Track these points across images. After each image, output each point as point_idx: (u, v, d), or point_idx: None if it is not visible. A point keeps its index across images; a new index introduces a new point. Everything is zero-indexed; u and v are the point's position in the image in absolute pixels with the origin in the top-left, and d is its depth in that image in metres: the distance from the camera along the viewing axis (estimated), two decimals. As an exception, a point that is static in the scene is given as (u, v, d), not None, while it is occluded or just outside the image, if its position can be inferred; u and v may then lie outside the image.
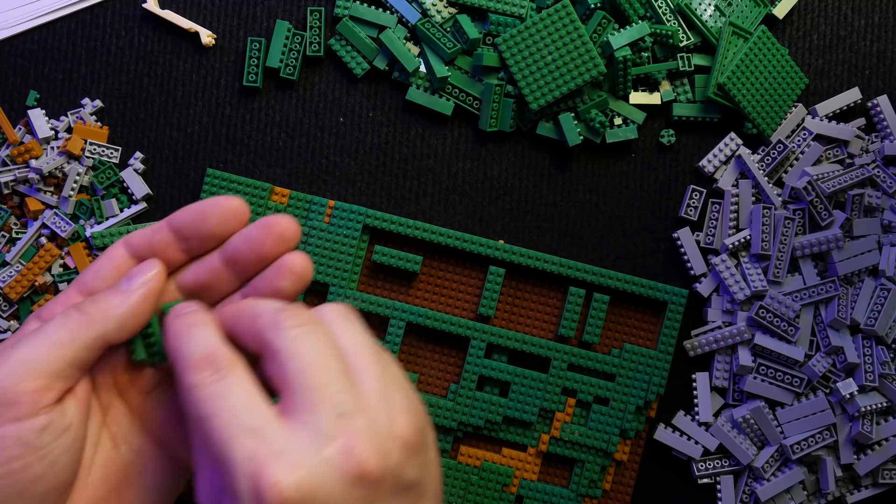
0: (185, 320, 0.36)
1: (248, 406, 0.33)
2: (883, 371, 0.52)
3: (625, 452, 0.52)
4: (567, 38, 0.51)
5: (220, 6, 0.54)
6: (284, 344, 0.34)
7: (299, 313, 0.35)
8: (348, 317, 0.37)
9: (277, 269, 0.39)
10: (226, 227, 0.39)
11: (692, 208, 0.54)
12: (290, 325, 0.35)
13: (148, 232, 0.39)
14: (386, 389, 0.34)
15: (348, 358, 0.35)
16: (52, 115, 0.53)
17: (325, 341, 0.35)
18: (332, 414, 0.33)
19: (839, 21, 0.55)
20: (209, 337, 0.35)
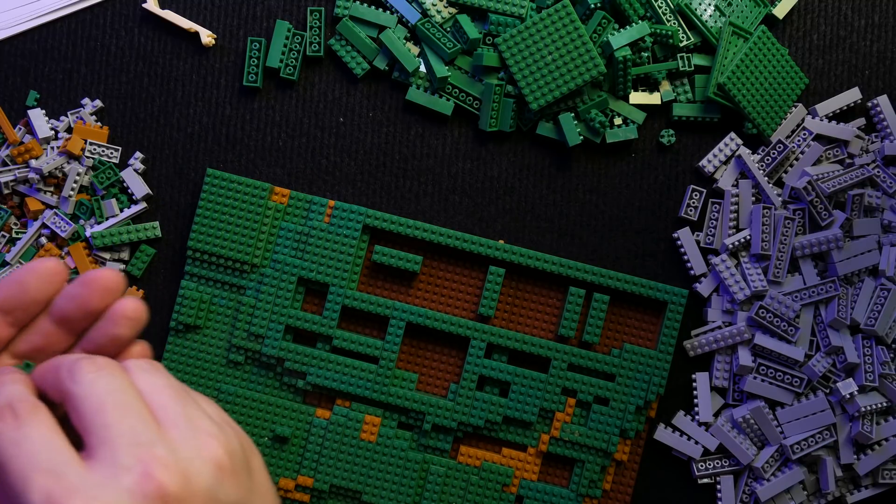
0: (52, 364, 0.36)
1: (46, 448, 0.33)
2: (883, 371, 0.52)
3: (625, 452, 0.52)
4: (567, 38, 0.51)
5: (220, 6, 0.54)
6: (80, 388, 0.34)
7: (96, 360, 0.35)
8: (151, 366, 0.37)
9: (111, 319, 0.38)
10: (46, 292, 0.38)
11: (692, 208, 0.54)
12: (86, 371, 0.35)
13: None
14: (190, 418, 0.35)
15: (148, 397, 0.35)
16: (52, 115, 0.53)
17: (120, 381, 0.35)
18: (128, 445, 0.33)
19: (839, 21, 0.55)
20: (14, 389, 0.35)
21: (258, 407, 0.51)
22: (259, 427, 0.51)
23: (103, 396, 0.34)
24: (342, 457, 0.51)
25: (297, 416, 0.51)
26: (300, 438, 0.51)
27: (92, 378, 0.35)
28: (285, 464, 0.51)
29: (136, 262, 0.53)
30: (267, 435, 0.51)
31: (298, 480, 0.51)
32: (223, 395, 0.51)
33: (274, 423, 0.51)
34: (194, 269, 0.52)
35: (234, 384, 0.52)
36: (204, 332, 0.52)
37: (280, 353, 0.51)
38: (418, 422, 0.51)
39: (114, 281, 0.38)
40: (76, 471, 0.33)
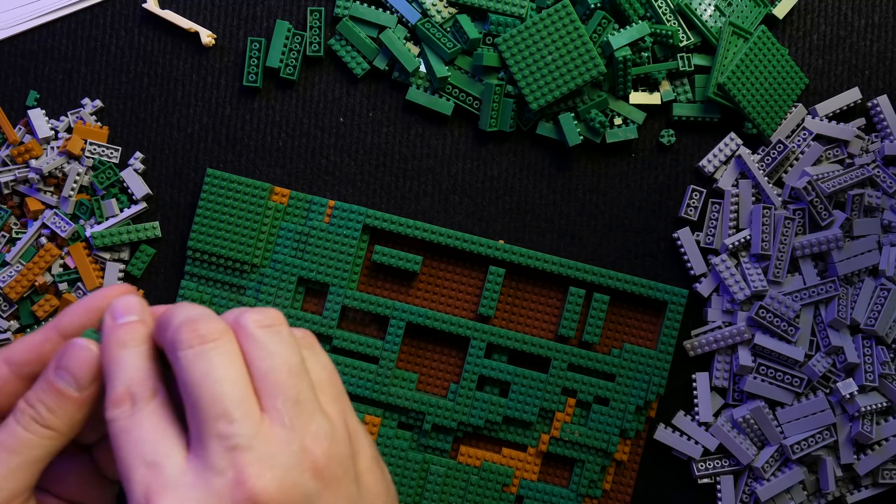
0: (119, 335, 0.34)
1: (152, 439, 0.32)
2: (883, 371, 0.52)
3: (625, 452, 0.52)
4: (567, 38, 0.51)
5: (220, 6, 0.54)
6: (180, 366, 0.32)
7: (202, 327, 0.33)
8: (272, 328, 0.34)
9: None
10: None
11: (692, 208, 0.54)
12: (187, 343, 0.32)
13: (34, 343, 0.36)
14: (299, 413, 0.32)
15: (259, 380, 0.33)
16: (52, 115, 0.53)
17: (225, 362, 0.32)
18: (223, 447, 0.31)
19: (839, 21, 0.55)
20: (134, 364, 0.33)
21: (258, 407, 0.51)
22: (259, 427, 0.51)
23: (203, 379, 0.32)
24: (342, 457, 0.51)
25: (297, 416, 0.51)
26: (300, 438, 0.51)
27: (193, 356, 0.32)
28: (285, 464, 0.51)
29: (136, 262, 0.53)
30: (267, 435, 0.51)
31: (298, 480, 0.51)
32: (223, 395, 0.51)
33: (274, 423, 0.51)
34: (194, 269, 0.52)
35: (234, 384, 0.52)
36: (204, 332, 0.52)
37: (280, 353, 0.51)
38: (418, 422, 0.51)
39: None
40: (174, 466, 0.31)
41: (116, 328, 0.34)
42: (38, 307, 0.51)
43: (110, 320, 0.34)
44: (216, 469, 0.31)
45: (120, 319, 0.34)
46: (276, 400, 0.32)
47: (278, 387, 0.32)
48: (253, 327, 0.33)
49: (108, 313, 0.35)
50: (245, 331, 0.33)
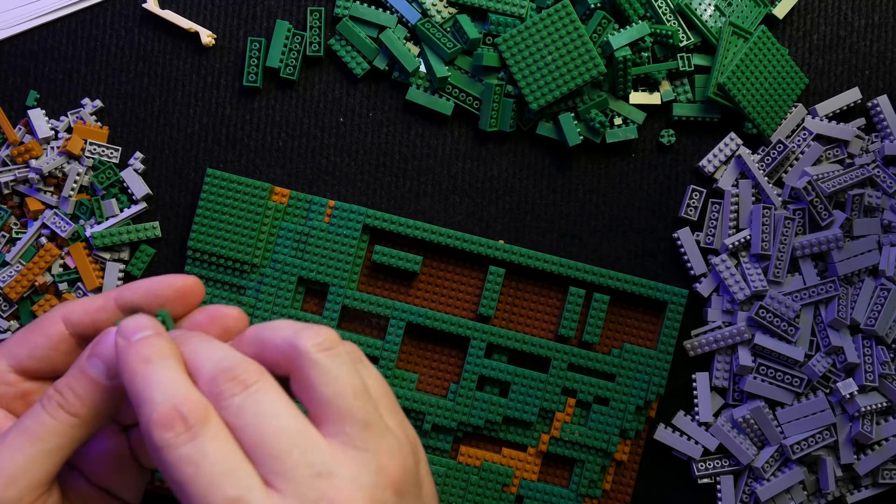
0: (140, 351, 0.33)
1: (228, 471, 0.30)
2: (883, 371, 0.52)
3: (625, 452, 0.52)
4: (567, 38, 0.51)
5: (220, 6, 0.54)
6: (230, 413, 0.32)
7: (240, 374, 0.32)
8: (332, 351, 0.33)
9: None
10: (180, 308, 0.37)
11: (692, 208, 0.54)
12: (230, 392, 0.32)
13: (92, 308, 0.36)
14: (370, 437, 0.32)
15: (326, 405, 0.32)
16: (52, 115, 0.53)
17: (275, 397, 0.32)
18: (307, 475, 0.31)
19: (839, 21, 0.55)
20: (174, 379, 0.32)
21: (258, 407, 0.51)
22: (259, 427, 0.51)
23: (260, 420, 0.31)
24: (342, 457, 0.51)
25: (297, 416, 0.51)
26: (300, 438, 0.51)
27: (242, 400, 0.31)
28: (285, 464, 0.51)
29: (136, 262, 0.53)
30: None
31: (298, 480, 0.51)
32: (223, 395, 0.51)
33: (274, 423, 0.51)
34: (194, 269, 0.52)
35: (234, 384, 0.52)
36: (204, 332, 0.52)
37: (280, 353, 0.51)
38: (418, 422, 0.51)
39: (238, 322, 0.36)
40: (261, 500, 0.30)
41: (132, 345, 0.33)
42: (38, 307, 0.51)
43: (122, 341, 0.33)
44: (309, 499, 0.30)
45: (133, 337, 0.33)
46: (346, 424, 0.32)
47: (347, 410, 0.32)
48: (313, 352, 0.33)
49: (119, 335, 0.34)
50: (305, 356, 0.33)
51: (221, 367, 0.32)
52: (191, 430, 0.31)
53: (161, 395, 0.31)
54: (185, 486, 0.30)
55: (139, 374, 0.32)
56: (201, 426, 0.31)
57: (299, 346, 0.33)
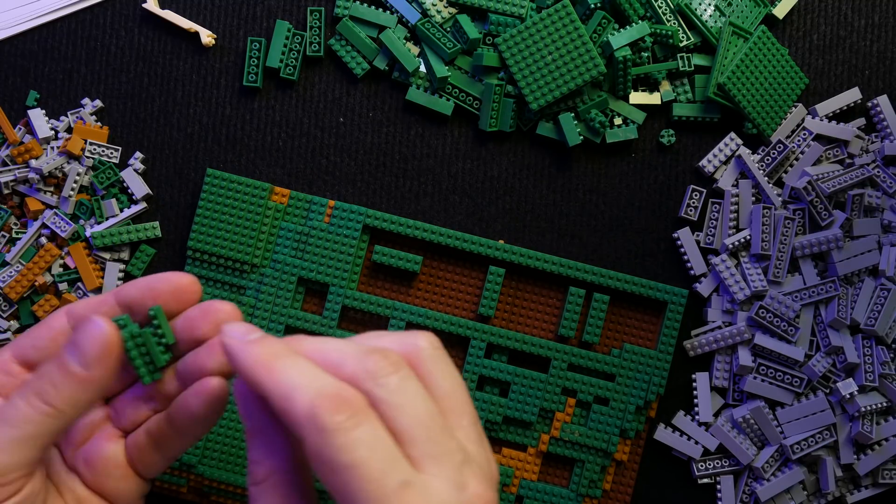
0: (263, 349, 0.33)
1: (394, 455, 0.31)
2: (883, 371, 0.52)
3: (625, 452, 0.52)
4: (567, 38, 0.51)
5: (220, 6, 0.54)
6: (385, 395, 0.32)
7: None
8: (436, 353, 0.34)
9: (207, 349, 0.37)
10: (175, 306, 0.37)
11: (692, 208, 0.54)
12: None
13: (93, 303, 0.38)
14: (479, 433, 0.34)
15: (444, 401, 0.33)
16: (52, 115, 0.53)
17: (421, 387, 0.33)
18: (454, 462, 0.31)
19: (839, 21, 0.55)
20: (315, 371, 0.32)
21: (258, 407, 0.51)
22: (259, 427, 0.51)
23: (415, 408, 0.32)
24: (342, 457, 0.51)
25: (297, 416, 0.51)
26: (300, 438, 0.51)
27: (402, 378, 0.32)
28: (285, 464, 0.51)
29: (136, 262, 0.53)
30: (267, 435, 0.51)
31: (298, 480, 0.51)
32: (223, 395, 0.51)
33: (274, 423, 0.51)
34: (194, 269, 0.52)
35: (234, 384, 0.52)
36: (204, 332, 0.52)
37: (280, 353, 0.51)
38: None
39: (230, 317, 0.37)
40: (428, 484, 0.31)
41: (251, 345, 0.33)
42: (38, 307, 0.51)
43: (236, 342, 0.33)
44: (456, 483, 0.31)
45: (247, 337, 0.33)
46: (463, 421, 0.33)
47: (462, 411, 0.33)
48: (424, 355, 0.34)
49: (228, 337, 0.33)
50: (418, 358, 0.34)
51: (368, 356, 0.32)
52: (357, 415, 0.31)
53: (310, 383, 0.31)
54: (356, 469, 0.30)
55: (274, 368, 0.32)
56: (364, 411, 0.31)
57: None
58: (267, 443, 0.34)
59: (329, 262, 0.51)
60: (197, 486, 0.51)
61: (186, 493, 0.52)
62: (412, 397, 0.32)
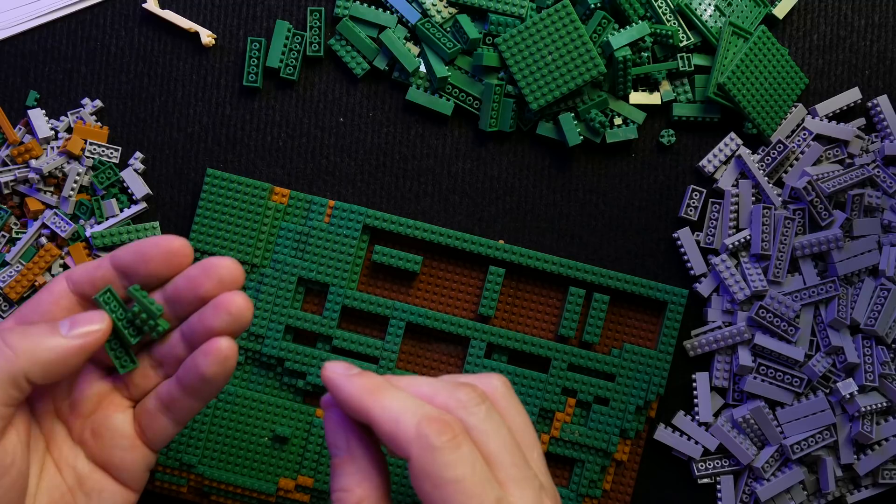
0: (365, 382, 0.36)
1: (487, 476, 0.34)
2: (883, 371, 0.52)
3: (625, 452, 0.52)
4: (567, 38, 0.51)
5: (220, 6, 0.54)
6: (476, 423, 0.35)
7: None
8: (511, 392, 0.38)
9: (213, 308, 0.38)
10: (167, 269, 0.38)
11: (692, 208, 0.54)
12: (474, 404, 0.35)
13: (90, 267, 0.39)
14: (546, 466, 0.37)
15: (518, 434, 0.36)
16: (52, 115, 0.53)
17: (501, 420, 0.36)
18: (534, 488, 0.34)
19: (839, 21, 0.55)
20: (414, 399, 0.35)
21: (258, 407, 0.51)
22: (259, 427, 0.51)
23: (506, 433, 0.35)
24: (342, 457, 0.51)
25: (297, 416, 0.51)
26: (300, 438, 0.51)
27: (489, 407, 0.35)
28: (285, 464, 0.51)
29: (136, 262, 0.53)
30: (267, 435, 0.51)
31: (298, 480, 0.51)
32: (223, 395, 0.51)
33: (274, 423, 0.51)
34: (194, 269, 0.52)
35: (234, 384, 0.52)
36: (204, 332, 0.52)
37: (280, 353, 0.51)
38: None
39: (232, 273, 0.38)
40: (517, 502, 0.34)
41: (354, 378, 0.36)
42: (38, 307, 0.51)
43: (340, 377, 0.36)
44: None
45: (349, 372, 0.36)
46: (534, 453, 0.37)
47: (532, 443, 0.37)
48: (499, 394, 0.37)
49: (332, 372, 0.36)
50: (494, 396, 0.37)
51: (458, 388, 0.36)
52: (458, 437, 0.34)
53: (414, 408, 0.34)
54: (459, 483, 0.33)
55: (379, 396, 0.35)
56: (463, 434, 0.34)
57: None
58: (358, 472, 0.36)
59: (329, 262, 0.51)
60: (197, 486, 0.51)
61: (186, 492, 0.52)
62: (498, 426, 0.35)
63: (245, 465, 0.51)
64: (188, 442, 0.51)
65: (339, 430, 0.36)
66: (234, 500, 0.51)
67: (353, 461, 0.36)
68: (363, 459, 0.36)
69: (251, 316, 0.38)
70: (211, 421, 0.51)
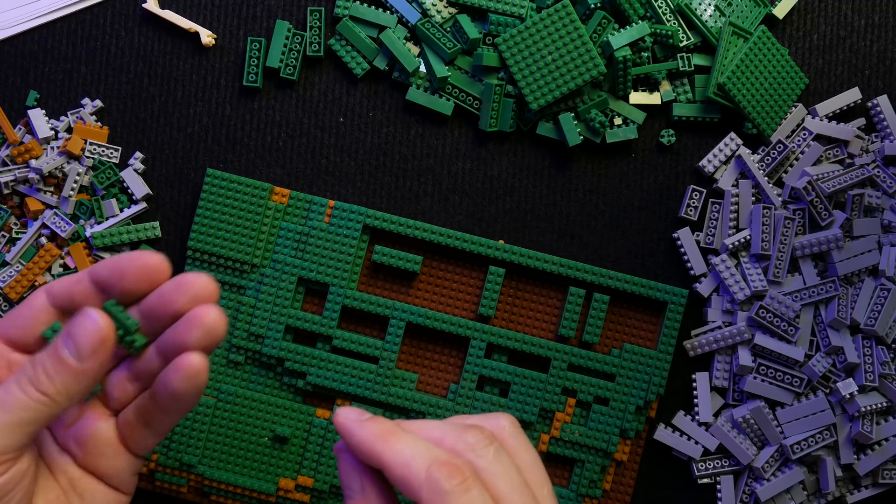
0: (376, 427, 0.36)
1: None
2: (883, 371, 0.52)
3: (625, 452, 0.52)
4: (567, 38, 0.51)
5: (220, 6, 0.54)
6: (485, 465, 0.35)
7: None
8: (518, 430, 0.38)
9: (185, 323, 0.38)
10: (143, 284, 0.38)
11: (692, 208, 0.54)
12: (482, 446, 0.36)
13: (70, 281, 0.39)
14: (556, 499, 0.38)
15: (527, 473, 0.37)
16: (52, 115, 0.53)
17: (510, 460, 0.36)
18: None
19: (839, 21, 0.55)
20: (424, 444, 0.36)
21: (258, 407, 0.51)
22: (259, 427, 0.51)
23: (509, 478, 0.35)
24: (342, 457, 0.51)
25: (297, 416, 0.51)
26: (300, 438, 0.51)
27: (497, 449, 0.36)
28: (285, 464, 0.51)
29: (136, 262, 0.53)
30: (267, 435, 0.51)
31: (298, 480, 0.51)
32: (223, 395, 0.51)
33: (274, 423, 0.51)
34: (194, 269, 0.52)
35: (234, 384, 0.52)
36: (204, 332, 0.52)
37: (280, 353, 0.51)
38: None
39: (205, 290, 0.38)
40: None
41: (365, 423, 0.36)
42: None
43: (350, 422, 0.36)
44: None
45: (361, 418, 0.37)
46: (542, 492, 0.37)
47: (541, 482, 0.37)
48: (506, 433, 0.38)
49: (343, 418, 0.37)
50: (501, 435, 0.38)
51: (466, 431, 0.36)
52: (467, 480, 0.34)
53: (424, 452, 0.35)
54: None
55: (389, 440, 0.35)
56: (473, 477, 0.34)
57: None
58: None
59: (329, 262, 0.51)
60: (197, 486, 0.51)
61: (186, 492, 0.52)
62: (507, 467, 0.35)
63: (245, 465, 0.51)
64: (188, 442, 0.51)
65: (353, 472, 0.37)
66: (234, 500, 0.51)
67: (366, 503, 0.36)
68: (377, 502, 0.36)
69: (224, 330, 0.38)
70: (211, 421, 0.51)
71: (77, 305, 0.38)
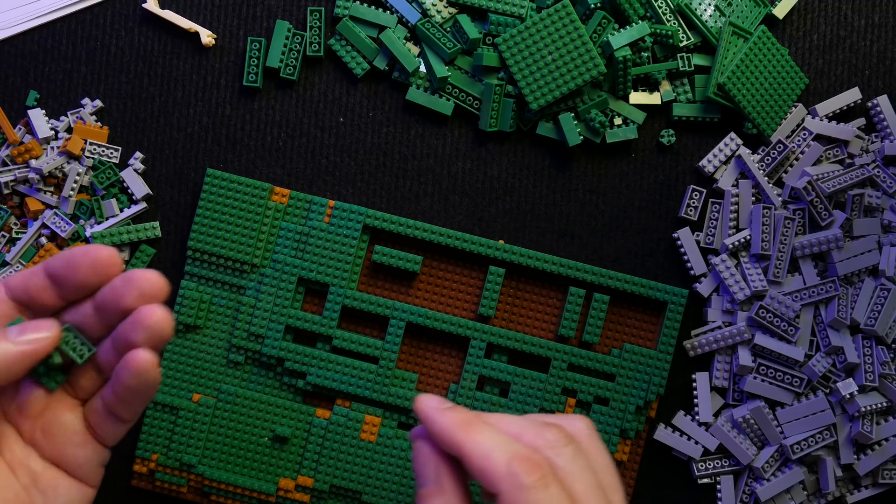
0: (457, 416, 0.37)
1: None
2: (883, 371, 0.52)
3: (625, 452, 0.52)
4: (567, 38, 0.51)
5: (220, 6, 0.54)
6: (563, 464, 0.36)
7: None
8: (594, 433, 0.39)
9: (131, 321, 0.38)
10: (95, 278, 0.39)
11: (692, 208, 0.54)
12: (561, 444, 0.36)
13: (26, 275, 0.39)
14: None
15: (601, 476, 0.37)
16: (52, 115, 0.53)
17: (587, 462, 0.37)
18: None
19: (839, 21, 0.55)
20: (505, 437, 0.36)
21: (258, 407, 0.51)
22: (259, 427, 0.51)
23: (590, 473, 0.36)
24: (342, 457, 0.51)
25: (297, 416, 0.51)
26: (300, 438, 0.51)
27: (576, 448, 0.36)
28: (285, 464, 0.51)
29: (136, 262, 0.53)
30: (267, 435, 0.51)
31: (298, 480, 0.51)
32: (223, 395, 0.51)
33: (274, 423, 0.51)
34: (194, 269, 0.52)
35: (234, 384, 0.52)
36: (204, 332, 0.52)
37: (280, 353, 0.51)
38: (419, 422, 0.51)
39: (153, 286, 0.38)
40: None
41: (447, 412, 0.37)
42: None
43: (433, 410, 0.37)
44: None
45: (442, 406, 0.37)
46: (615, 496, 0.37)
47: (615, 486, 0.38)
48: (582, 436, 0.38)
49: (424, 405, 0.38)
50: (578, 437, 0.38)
51: (545, 428, 0.37)
52: (546, 477, 0.35)
53: (505, 446, 0.35)
54: None
55: (471, 431, 0.36)
56: (552, 474, 0.35)
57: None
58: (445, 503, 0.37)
59: (329, 262, 0.51)
60: (197, 486, 0.51)
61: (186, 492, 0.52)
62: (584, 468, 0.36)
63: (245, 465, 0.51)
64: (188, 442, 0.51)
65: (429, 461, 0.37)
66: (234, 500, 0.51)
67: (441, 494, 0.37)
68: (451, 493, 0.37)
69: (171, 330, 0.38)
70: (211, 421, 0.51)
71: (33, 298, 0.39)
